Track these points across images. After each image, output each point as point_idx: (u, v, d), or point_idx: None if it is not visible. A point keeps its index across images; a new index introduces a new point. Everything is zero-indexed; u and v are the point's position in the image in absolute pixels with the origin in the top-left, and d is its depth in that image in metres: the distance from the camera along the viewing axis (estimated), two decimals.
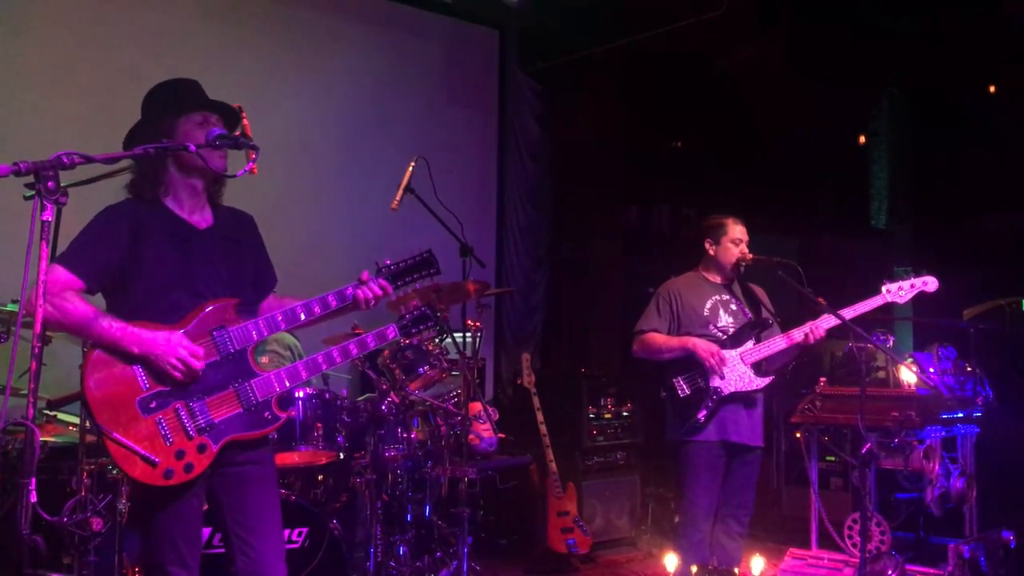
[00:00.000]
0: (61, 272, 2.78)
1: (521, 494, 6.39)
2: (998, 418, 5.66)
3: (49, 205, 2.35)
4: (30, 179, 2.35)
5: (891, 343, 5.39)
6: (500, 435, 5.66)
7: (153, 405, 2.78)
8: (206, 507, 3.00)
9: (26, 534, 2.25)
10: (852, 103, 8.40)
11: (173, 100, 3.01)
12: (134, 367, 2.79)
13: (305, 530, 4.15)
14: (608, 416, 6.66)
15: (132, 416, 2.75)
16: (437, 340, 4.89)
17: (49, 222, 2.36)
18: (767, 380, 4.42)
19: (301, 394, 4.48)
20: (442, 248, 5.17)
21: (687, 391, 4.39)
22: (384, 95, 7.19)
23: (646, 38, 7.26)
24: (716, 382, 4.36)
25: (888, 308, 4.57)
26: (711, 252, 4.62)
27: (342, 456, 4.67)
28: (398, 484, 5.06)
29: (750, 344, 4.42)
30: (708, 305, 4.54)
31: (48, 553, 3.68)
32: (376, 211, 6.38)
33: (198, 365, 2.82)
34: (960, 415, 5.45)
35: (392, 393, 4.73)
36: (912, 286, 4.39)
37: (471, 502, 5.16)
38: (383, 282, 3.20)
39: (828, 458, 5.86)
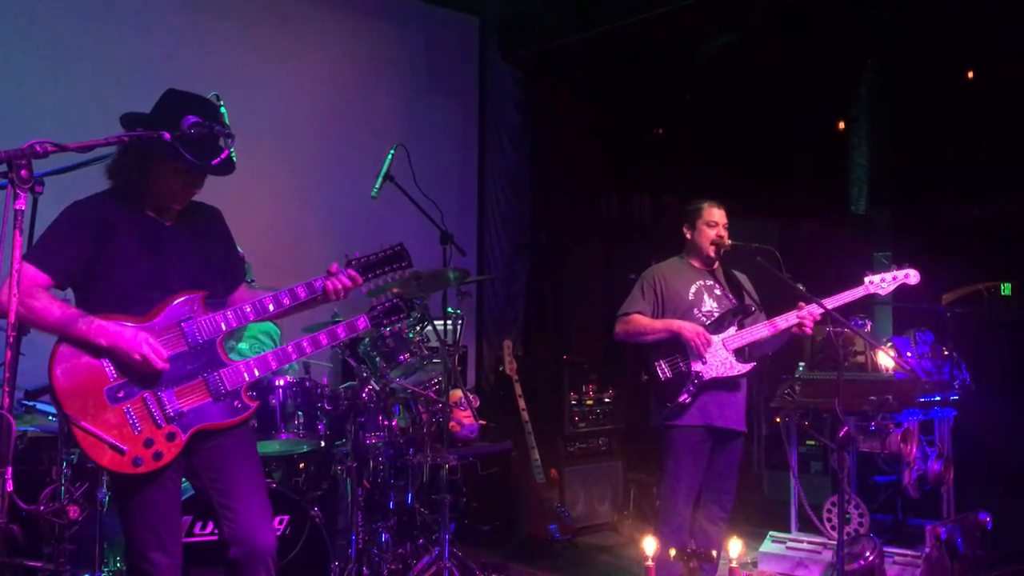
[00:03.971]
0: (28, 269, 2.77)
1: (503, 481, 6.41)
2: (975, 401, 5.71)
3: (23, 194, 2.34)
4: (3, 168, 2.34)
5: (869, 328, 5.43)
6: (481, 422, 5.67)
7: (121, 395, 2.80)
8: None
9: (2, 523, 2.26)
10: (831, 89, 8.43)
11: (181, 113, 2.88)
12: (102, 358, 2.80)
13: (287, 518, 4.16)
14: (590, 403, 6.69)
15: (100, 405, 2.77)
16: (418, 328, 4.90)
17: (23, 211, 2.35)
18: (749, 366, 4.42)
19: (281, 382, 4.47)
20: (422, 236, 5.21)
21: (668, 375, 4.39)
22: (363, 82, 7.16)
23: (627, 25, 7.26)
24: (698, 366, 4.36)
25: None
26: (688, 236, 4.64)
27: (323, 444, 4.67)
28: (379, 471, 5.07)
29: (732, 330, 4.43)
30: (692, 290, 4.54)
31: (26, 542, 3.67)
32: (355, 199, 6.38)
33: (160, 364, 2.83)
34: (937, 398, 5.50)
35: (373, 381, 4.73)
36: (894, 278, 4.39)
37: (453, 489, 5.17)
38: (352, 272, 3.21)
39: (808, 442, 5.92)
